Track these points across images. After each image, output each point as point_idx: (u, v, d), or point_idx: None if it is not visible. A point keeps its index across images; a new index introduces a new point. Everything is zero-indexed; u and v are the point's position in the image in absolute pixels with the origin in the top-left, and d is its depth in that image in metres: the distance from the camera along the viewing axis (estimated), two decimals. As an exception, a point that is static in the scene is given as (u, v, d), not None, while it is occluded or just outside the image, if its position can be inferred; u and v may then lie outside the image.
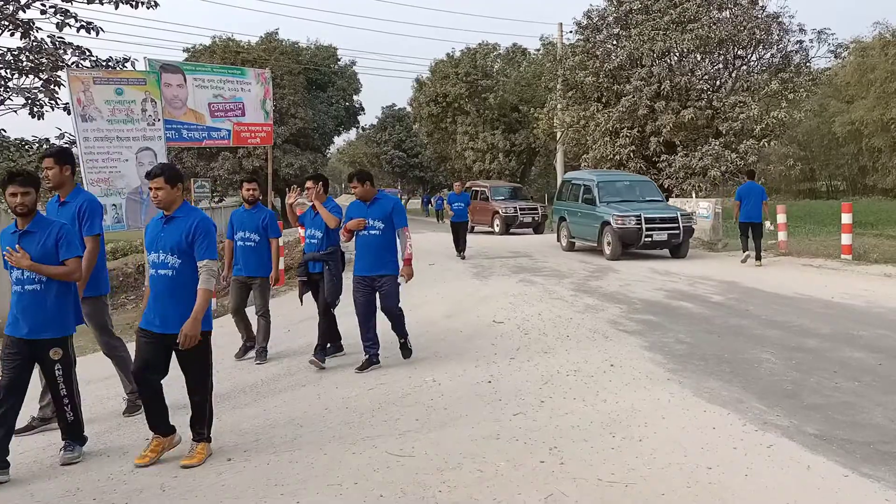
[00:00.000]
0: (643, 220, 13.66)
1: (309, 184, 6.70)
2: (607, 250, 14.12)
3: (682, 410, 4.84)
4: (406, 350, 6.54)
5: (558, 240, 16.66)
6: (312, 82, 42.18)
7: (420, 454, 4.20)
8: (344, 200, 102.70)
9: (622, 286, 10.66)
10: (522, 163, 36.73)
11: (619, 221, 13.74)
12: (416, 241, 10.18)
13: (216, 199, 37.71)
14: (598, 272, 12.57)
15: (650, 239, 13.73)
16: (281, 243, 12.86)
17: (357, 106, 47.91)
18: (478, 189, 24.32)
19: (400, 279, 6.29)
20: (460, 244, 15.04)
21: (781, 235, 14.76)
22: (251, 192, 7.25)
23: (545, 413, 4.88)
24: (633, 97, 20.60)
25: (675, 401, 5.05)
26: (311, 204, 6.72)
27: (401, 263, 6.24)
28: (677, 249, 14.14)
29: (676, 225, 13.83)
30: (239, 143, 12.64)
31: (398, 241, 6.23)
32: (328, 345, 6.66)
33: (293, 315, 9.16)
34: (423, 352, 6.79)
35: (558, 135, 27.53)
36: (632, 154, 21.05)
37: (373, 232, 6.18)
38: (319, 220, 6.56)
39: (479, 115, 35.43)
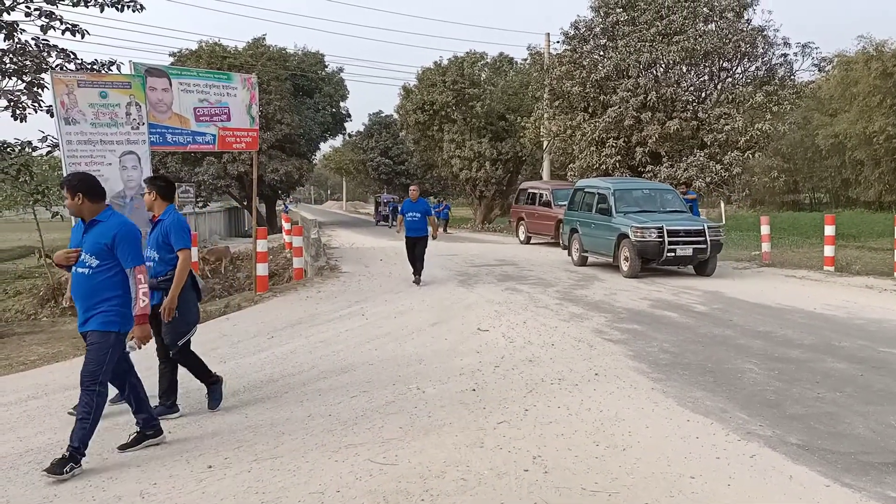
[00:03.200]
0: (665, 233, 12.36)
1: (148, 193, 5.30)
2: (624, 266, 12.86)
3: (666, 419, 4.86)
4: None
5: (569, 254, 15.40)
6: (299, 88, 42.12)
7: (403, 462, 4.18)
8: (328, 207, 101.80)
9: (607, 295, 10.70)
10: (509, 171, 36.78)
11: (639, 234, 12.47)
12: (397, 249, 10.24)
13: (200, 204, 37.51)
14: (583, 281, 12.60)
15: (673, 254, 12.40)
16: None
17: (344, 112, 47.85)
18: (535, 191, 22.81)
19: (129, 344, 4.60)
20: (417, 265, 12.23)
21: (765, 246, 14.90)
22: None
23: (529, 421, 4.88)
24: (620, 107, 20.75)
25: (658, 410, 5.07)
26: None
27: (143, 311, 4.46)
28: (703, 266, 12.77)
29: (703, 238, 12.45)
30: (224, 147, 12.55)
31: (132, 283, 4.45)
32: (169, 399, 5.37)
33: (276, 322, 9.12)
34: (407, 360, 6.77)
35: (545, 144, 27.62)
36: (618, 164, 21.16)
37: (80, 270, 4.41)
38: (157, 237, 5.18)
39: (465, 124, 35.48)
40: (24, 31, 11.84)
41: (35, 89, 11.70)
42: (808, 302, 9.58)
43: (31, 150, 12.38)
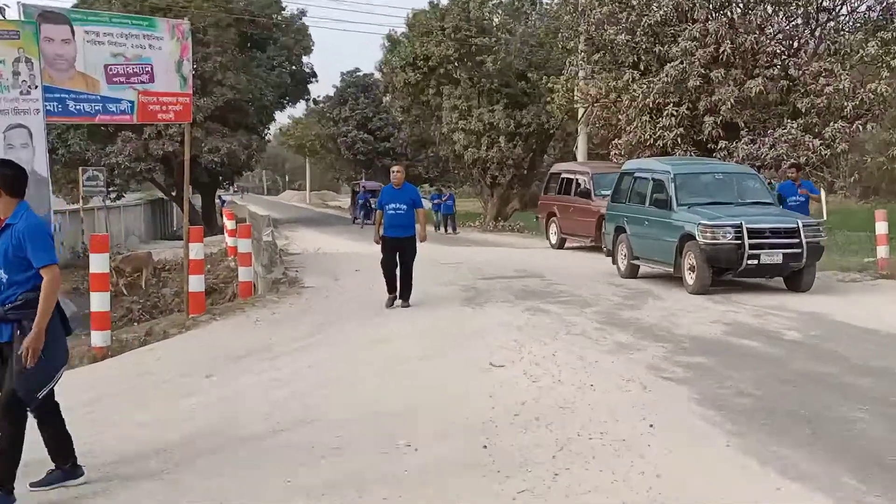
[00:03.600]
0: (745, 233, 12.28)
1: None
2: (689, 279, 12.75)
3: (748, 486, 4.85)
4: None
5: (614, 261, 15.37)
6: (247, 39, 42.26)
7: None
8: (287, 198, 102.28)
9: (665, 317, 10.68)
10: (531, 149, 36.78)
11: (709, 234, 12.38)
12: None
13: (113, 195, 37.52)
14: (633, 298, 12.56)
15: (756, 262, 12.28)
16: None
17: (307, 71, 47.95)
18: (570, 177, 22.81)
19: None
20: (402, 280, 11.76)
21: (881, 251, 14.89)
22: None
23: (559, 491, 4.87)
24: (682, 62, 20.78)
25: (736, 473, 5.06)
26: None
27: None
28: (797, 279, 12.65)
29: (797, 241, 12.28)
30: (146, 119, 12.56)
31: None
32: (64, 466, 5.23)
33: (216, 354, 9.12)
34: (393, 406, 6.77)
35: (580, 112, 27.62)
36: (679, 139, 21.18)
37: None
38: (5, 248, 4.96)
39: (472, 86, 35.48)
40: None
41: None
42: (940, 326, 9.57)
43: None
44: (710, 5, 21.14)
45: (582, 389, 7.05)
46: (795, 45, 21.87)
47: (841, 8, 21.79)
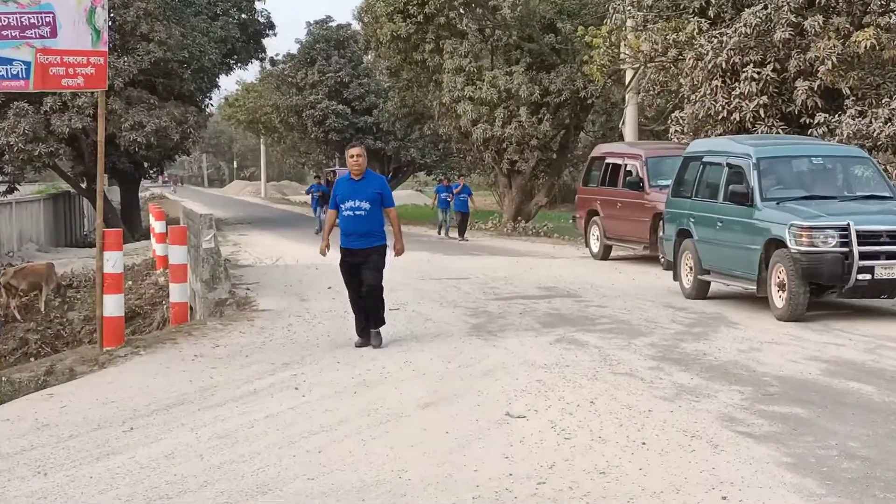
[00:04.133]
0: (854, 237, 12.32)
1: None
2: (779, 300, 12.87)
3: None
4: None
5: (675, 276, 15.54)
6: (182, -21, 42.38)
7: None
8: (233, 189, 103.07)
9: (744, 351, 10.66)
10: (562, 125, 36.74)
11: (805, 239, 12.43)
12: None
13: (2, 188, 37.61)
14: (698, 325, 12.54)
15: (869, 276, 12.34)
16: None
17: (261, 21, 48.02)
18: (615, 161, 22.94)
19: None
20: (368, 307, 11.50)
21: None
22: None
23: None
24: (766, 7, 20.76)
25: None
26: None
27: None
28: None
29: None
30: (46, 86, 12.56)
31: None
32: None
33: (138, 401, 9.10)
34: (378, 473, 6.74)
35: (628, 76, 27.58)
36: (762, 110, 21.13)
37: None
38: None
39: (483, 40, 35.50)
40: None
41: None
42: None
43: None
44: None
45: (630, 449, 7.03)
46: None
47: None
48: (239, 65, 49.69)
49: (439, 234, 32.50)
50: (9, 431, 8.26)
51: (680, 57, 22.61)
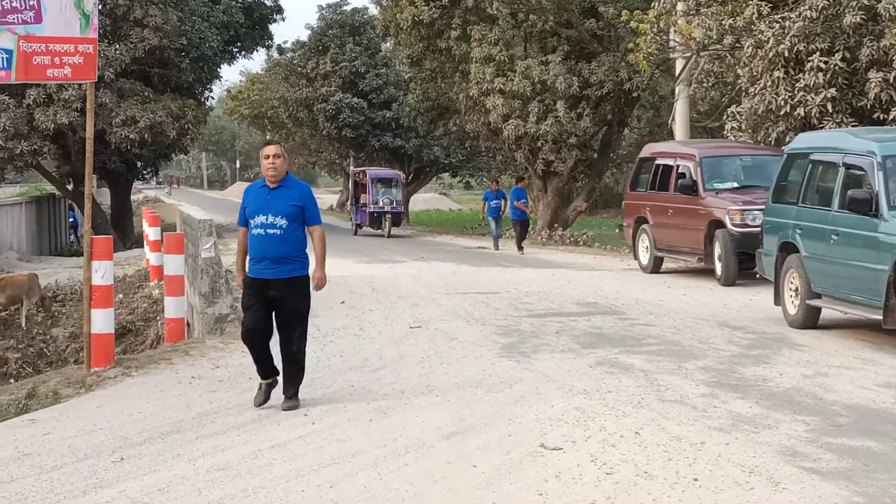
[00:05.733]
0: None
1: None
2: None
3: None
4: None
5: (777, 299, 14.71)
6: (180, -44, 42.58)
7: None
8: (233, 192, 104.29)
9: (809, 376, 10.61)
10: (604, 121, 36.76)
11: None
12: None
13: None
14: (758, 346, 12.49)
15: None
16: None
17: (268, 5, 48.15)
18: (666, 162, 22.52)
19: None
20: (286, 360, 9.87)
21: None
22: None
23: None
24: (833, -10, 20.70)
25: None
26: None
27: None
28: None
29: None
30: (29, 77, 12.61)
31: None
32: None
33: (129, 429, 9.13)
34: (397, 509, 6.74)
35: (678, 66, 27.52)
36: (830, 104, 21.05)
37: None
38: None
39: (516, 25, 35.51)
40: None
41: None
42: None
43: None
44: None
45: (680, 486, 7.00)
46: None
47: None
48: (243, 53, 49.90)
49: (496, 248, 31.82)
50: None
51: (737, 45, 22.56)
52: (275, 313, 9.75)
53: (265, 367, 9.86)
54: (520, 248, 30.46)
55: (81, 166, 24.82)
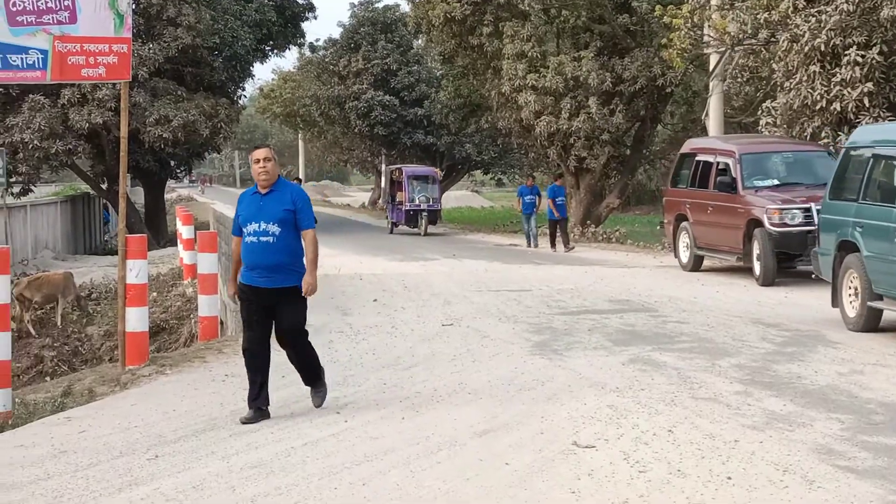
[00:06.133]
0: None
1: None
2: None
3: None
4: None
5: (835, 300, 14.18)
6: (213, -44, 42.67)
7: None
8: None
9: (844, 374, 10.56)
10: (637, 117, 36.64)
11: None
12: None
13: (16, 189, 37.97)
14: (793, 343, 12.44)
15: None
16: None
17: (301, 2, 48.15)
18: (706, 158, 21.98)
19: None
20: (299, 365, 9.80)
21: None
22: None
23: None
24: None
25: None
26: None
27: None
28: None
29: None
30: (65, 76, 12.71)
31: None
32: None
33: (164, 426, 9.17)
34: (433, 502, 6.79)
35: (712, 62, 27.39)
36: (867, 99, 20.91)
37: None
38: None
39: (548, 21, 35.46)
40: None
41: None
42: None
43: None
44: None
45: (713, 484, 6.97)
46: None
47: None
48: (275, 52, 49.99)
49: (529, 246, 31.55)
50: (22, 458, 8.36)
51: (772, 39, 22.45)
52: (274, 324, 9.43)
53: (254, 392, 9.38)
54: (554, 245, 30.05)
55: (115, 165, 24.95)
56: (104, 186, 43.21)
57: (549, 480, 7.19)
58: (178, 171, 55.48)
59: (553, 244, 30.17)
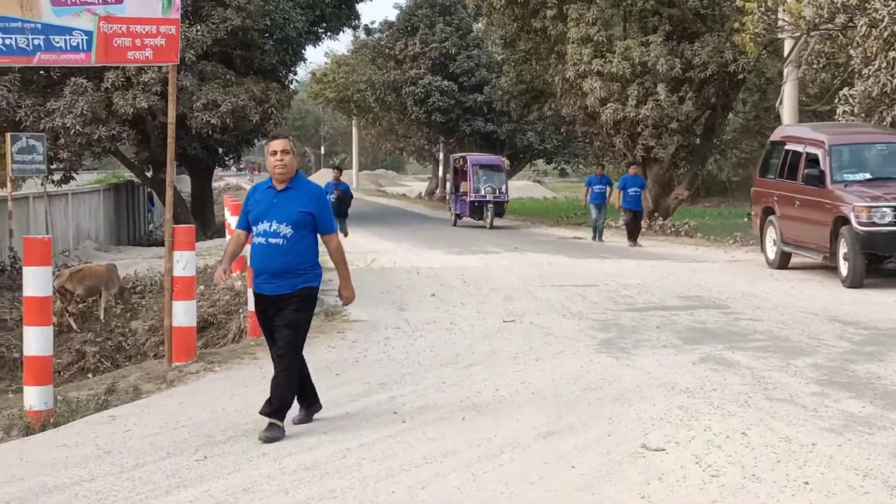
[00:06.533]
0: None
1: None
2: None
3: None
4: None
5: None
6: (264, -67, 42.83)
7: None
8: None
9: (929, 376, 10.46)
10: (707, 104, 36.42)
11: None
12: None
13: (57, 176, 38.30)
14: (872, 342, 12.38)
15: None
16: None
17: (354, -14, 48.29)
18: (795, 148, 21.43)
19: None
20: (275, 389, 8.92)
21: None
22: None
23: None
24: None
25: None
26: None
27: None
28: None
29: None
30: (109, 59, 12.77)
31: None
32: None
33: (213, 426, 9.23)
34: (491, 513, 6.75)
35: (787, 47, 27.21)
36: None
37: None
38: None
39: (614, 5, 35.35)
40: None
41: None
42: None
43: None
44: None
45: (790, 489, 6.96)
46: None
47: None
48: (328, 34, 49.98)
49: (594, 238, 31.30)
50: (66, 459, 8.42)
51: (850, 24, 22.29)
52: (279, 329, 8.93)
53: (275, 401, 8.84)
54: (633, 241, 29.55)
55: (161, 152, 25.11)
56: (149, 174, 43.46)
57: (617, 485, 7.20)
58: (227, 158, 55.59)
59: (632, 238, 29.60)
